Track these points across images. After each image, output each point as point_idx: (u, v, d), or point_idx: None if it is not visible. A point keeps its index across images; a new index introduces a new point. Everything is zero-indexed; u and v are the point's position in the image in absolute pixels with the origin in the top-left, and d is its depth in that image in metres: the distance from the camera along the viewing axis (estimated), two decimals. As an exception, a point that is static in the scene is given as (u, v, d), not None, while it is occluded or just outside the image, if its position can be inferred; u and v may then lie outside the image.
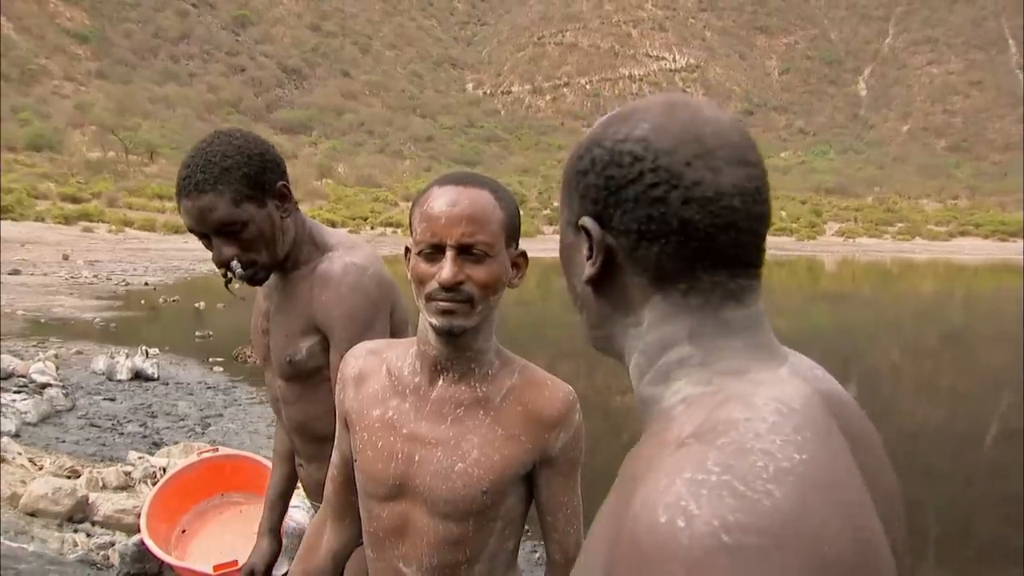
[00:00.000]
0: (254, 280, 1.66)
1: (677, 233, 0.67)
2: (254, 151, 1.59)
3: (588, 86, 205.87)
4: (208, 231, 1.58)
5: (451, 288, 1.15)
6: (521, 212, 1.18)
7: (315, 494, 1.83)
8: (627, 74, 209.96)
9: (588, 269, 0.70)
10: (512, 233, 1.22)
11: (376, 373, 1.30)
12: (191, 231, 1.61)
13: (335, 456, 1.38)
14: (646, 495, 0.56)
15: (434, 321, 1.19)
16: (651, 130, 0.67)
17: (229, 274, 1.62)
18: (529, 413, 1.23)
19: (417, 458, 1.23)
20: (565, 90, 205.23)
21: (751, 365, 0.68)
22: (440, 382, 1.25)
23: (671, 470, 0.57)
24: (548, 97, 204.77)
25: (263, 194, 1.60)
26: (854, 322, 18.85)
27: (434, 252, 1.17)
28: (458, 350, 1.23)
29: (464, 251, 1.16)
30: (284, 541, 2.02)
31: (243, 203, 1.56)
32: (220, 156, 1.55)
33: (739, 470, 0.54)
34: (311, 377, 1.70)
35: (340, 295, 1.60)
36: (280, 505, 1.98)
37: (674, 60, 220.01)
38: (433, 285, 1.16)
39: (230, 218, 1.56)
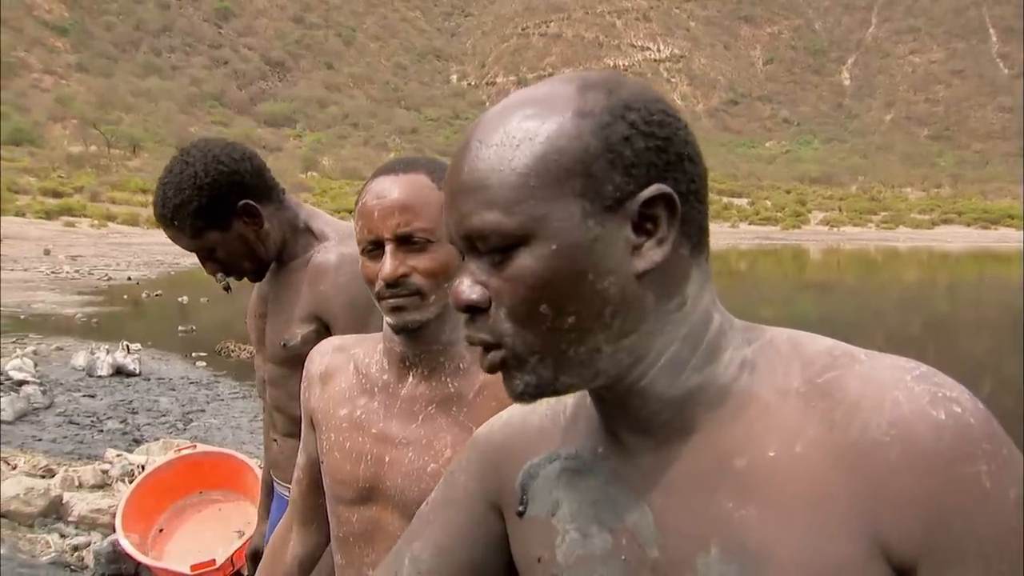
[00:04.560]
0: (251, 280, 1.76)
1: (705, 189, 0.65)
2: (204, 180, 1.59)
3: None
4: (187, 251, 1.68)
5: (395, 283, 1.09)
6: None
7: (284, 471, 1.84)
8: (612, 64, 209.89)
9: (652, 253, 0.61)
10: None
11: (343, 370, 1.24)
12: None
13: (301, 458, 1.32)
14: (893, 415, 0.56)
15: (389, 319, 1.13)
16: (650, 88, 0.65)
17: (220, 283, 1.72)
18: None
19: (387, 459, 1.16)
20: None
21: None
22: (409, 379, 1.18)
23: (886, 387, 0.57)
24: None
25: (223, 219, 1.63)
26: (839, 311, 18.93)
27: (375, 248, 1.11)
28: (423, 345, 1.16)
29: (404, 242, 1.09)
30: None
31: (203, 233, 1.62)
32: (174, 191, 1.59)
33: (919, 364, 0.59)
34: (301, 362, 1.73)
35: (339, 285, 1.63)
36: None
37: (658, 50, 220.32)
38: (380, 283, 1.10)
39: (194, 248, 1.64)
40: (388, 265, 1.09)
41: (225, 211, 1.63)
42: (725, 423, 0.63)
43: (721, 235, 71.35)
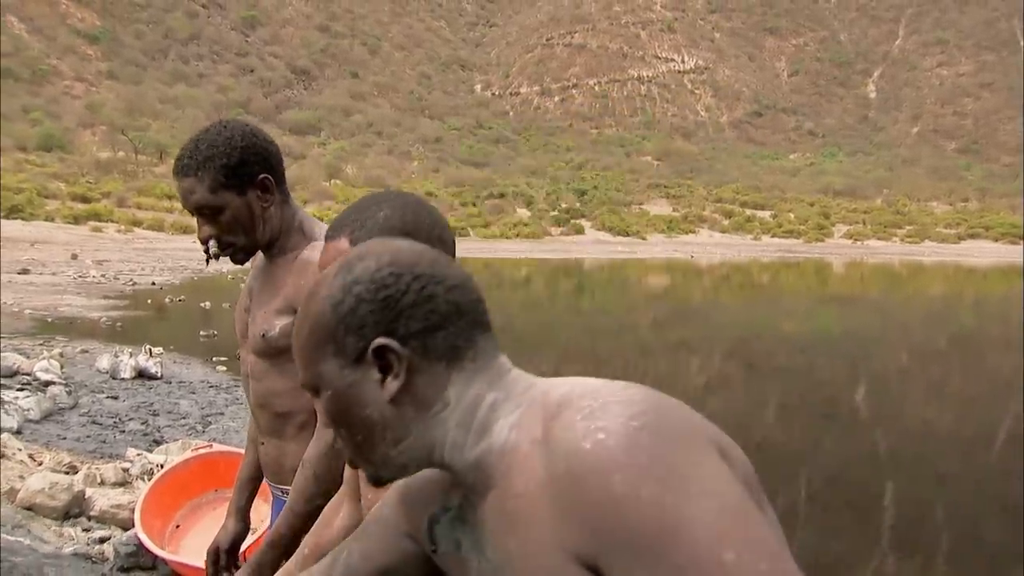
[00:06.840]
0: (233, 259, 1.80)
1: (454, 315, 0.84)
2: (239, 143, 1.69)
3: (597, 87, 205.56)
4: (191, 210, 1.73)
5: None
6: (528, 212, 1.07)
7: (274, 473, 1.89)
8: (636, 75, 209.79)
9: (391, 385, 0.82)
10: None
11: None
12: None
13: None
14: (565, 451, 0.72)
15: None
16: (391, 255, 0.85)
17: (208, 251, 1.78)
18: None
19: None
20: (574, 91, 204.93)
21: (532, 379, 0.87)
22: None
23: (564, 429, 0.74)
24: (557, 98, 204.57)
25: (242, 183, 1.71)
26: (862, 325, 18.76)
27: None
28: None
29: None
30: None
31: (220, 190, 1.69)
32: (207, 145, 1.68)
33: (606, 393, 0.75)
34: (280, 355, 1.80)
35: None
36: (249, 487, 2.04)
37: (683, 62, 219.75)
38: None
39: (206, 203, 1.70)
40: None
41: (246, 177, 1.71)
42: (505, 475, 0.81)
43: (743, 248, 70.89)
